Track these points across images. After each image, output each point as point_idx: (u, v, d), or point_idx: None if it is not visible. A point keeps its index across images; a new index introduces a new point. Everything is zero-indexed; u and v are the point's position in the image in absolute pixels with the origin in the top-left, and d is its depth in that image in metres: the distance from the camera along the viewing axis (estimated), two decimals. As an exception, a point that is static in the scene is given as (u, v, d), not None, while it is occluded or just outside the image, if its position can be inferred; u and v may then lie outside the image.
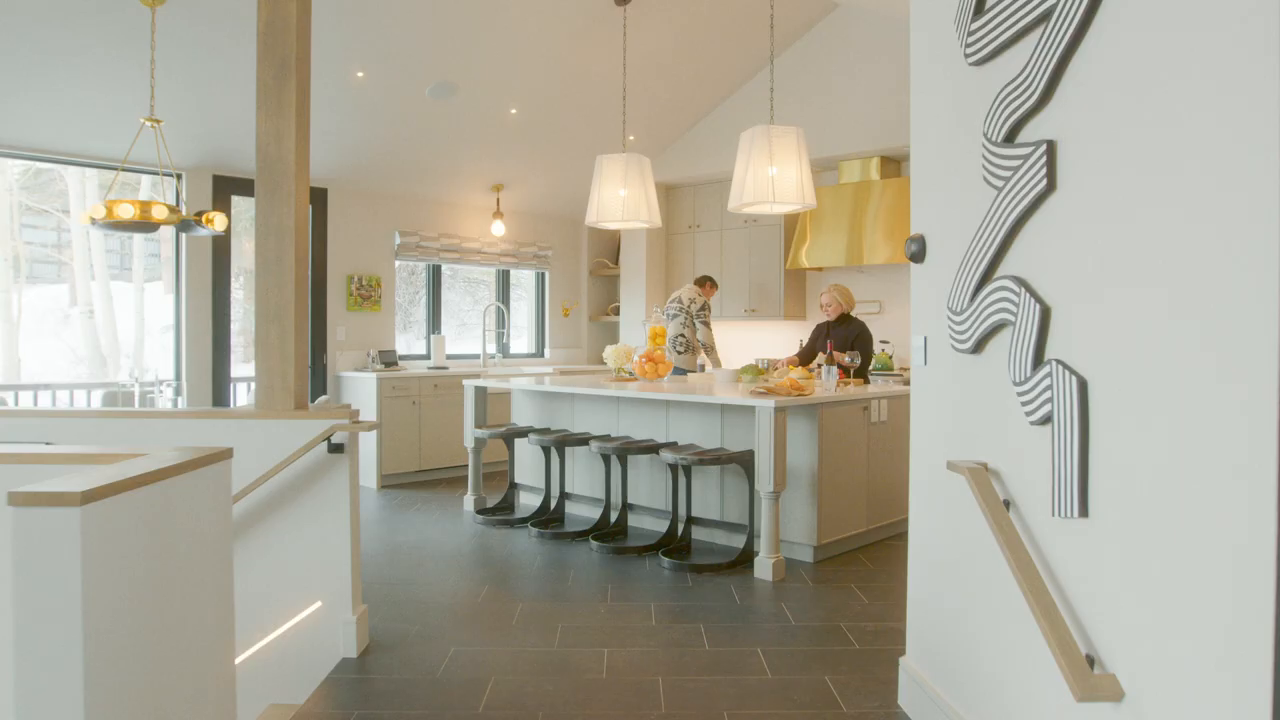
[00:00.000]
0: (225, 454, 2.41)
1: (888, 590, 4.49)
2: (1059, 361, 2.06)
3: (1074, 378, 1.99)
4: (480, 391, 6.46)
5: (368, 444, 7.41)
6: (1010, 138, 2.31)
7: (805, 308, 8.47)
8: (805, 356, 6.56)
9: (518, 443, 6.48)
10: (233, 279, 7.18)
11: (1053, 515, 2.08)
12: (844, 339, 6.33)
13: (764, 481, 4.66)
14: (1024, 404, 2.22)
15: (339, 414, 3.50)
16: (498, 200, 8.65)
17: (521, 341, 9.55)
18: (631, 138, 8.17)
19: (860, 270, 8.06)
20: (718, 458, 4.83)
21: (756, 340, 8.68)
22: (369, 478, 7.42)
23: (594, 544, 5.32)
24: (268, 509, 3.49)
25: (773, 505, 4.70)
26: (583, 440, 5.66)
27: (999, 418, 2.40)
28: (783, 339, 8.55)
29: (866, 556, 5.16)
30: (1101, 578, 1.92)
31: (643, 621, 4.04)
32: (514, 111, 7.36)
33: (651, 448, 5.32)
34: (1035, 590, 2.08)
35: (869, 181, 7.63)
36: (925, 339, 2.92)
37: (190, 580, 2.20)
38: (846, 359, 5.81)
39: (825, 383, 5.29)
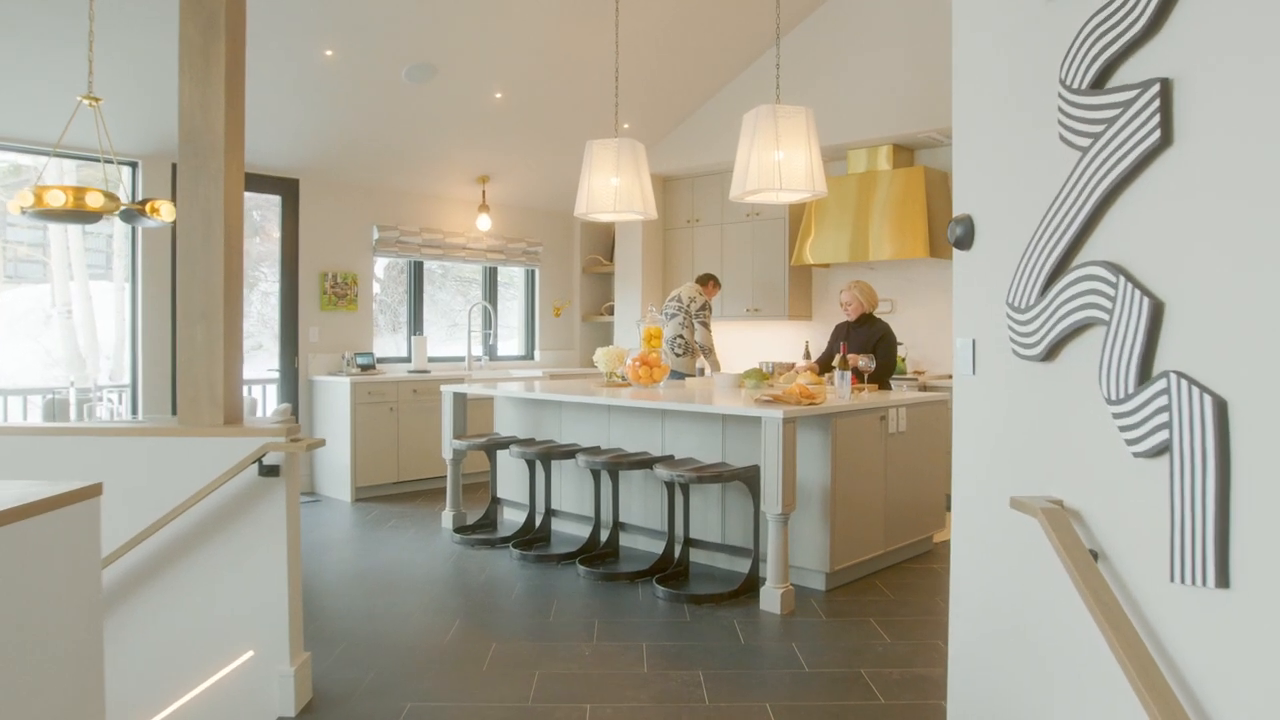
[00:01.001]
0: (91, 491, 1.89)
1: (912, 627, 3.96)
2: (1180, 375, 1.53)
3: (1207, 398, 1.46)
4: (459, 398, 5.93)
5: (341, 455, 6.88)
6: (1100, 82, 1.78)
7: (811, 307, 7.94)
8: (825, 361, 5.98)
9: (500, 454, 5.95)
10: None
11: (1172, 580, 1.55)
12: (865, 341, 5.78)
13: (771, 502, 4.14)
14: (1124, 429, 1.69)
15: (273, 430, 2.97)
16: (483, 193, 8.12)
17: (512, 343, 9.02)
18: (626, 126, 7.65)
19: (870, 267, 7.53)
20: (719, 475, 4.30)
21: (759, 342, 8.15)
22: (342, 490, 6.88)
23: (581, 569, 4.79)
24: (189, 544, 2.95)
25: (781, 529, 4.17)
26: (569, 453, 5.13)
27: (1083, 445, 1.88)
28: (787, 341, 8.02)
29: (885, 584, 4.63)
30: (1244, 667, 1.39)
31: (633, 668, 3.50)
32: (499, 96, 6.83)
33: (645, 462, 4.79)
34: (1141, 667, 1.55)
35: (879, 172, 7.10)
36: (973, 342, 2.39)
37: (40, 649, 1.67)
38: (861, 362, 5.29)
39: (838, 389, 4.76)
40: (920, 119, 6.70)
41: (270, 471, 2.97)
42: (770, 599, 4.18)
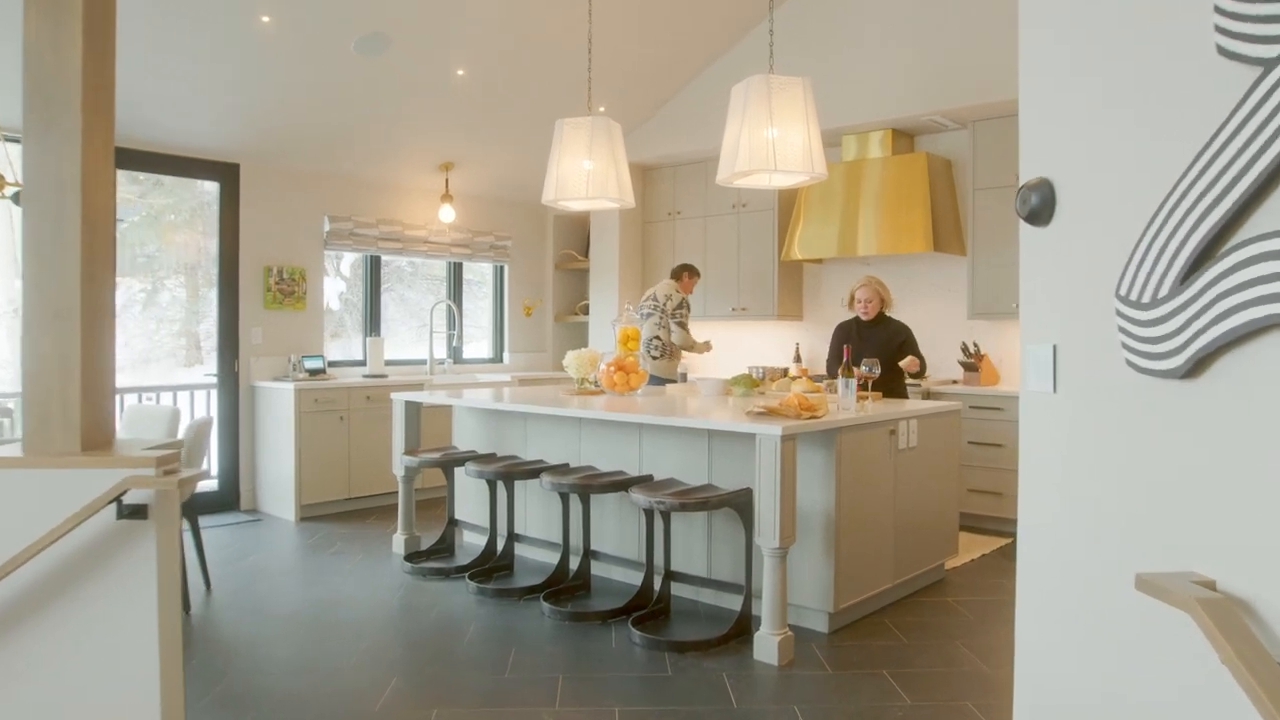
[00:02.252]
0: None
1: (934, 683, 3.36)
2: None
3: None
4: (412, 408, 5.28)
5: (285, 469, 6.20)
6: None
7: (802, 306, 7.34)
8: (839, 365, 5.28)
9: (459, 471, 5.30)
10: (115, 270, 5.94)
11: None
12: (884, 343, 5.16)
13: (766, 534, 3.52)
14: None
15: (138, 461, 2.31)
16: (446, 181, 7.46)
17: (480, 345, 8.36)
18: (601, 109, 7.00)
19: (865, 262, 6.94)
20: (705, 501, 3.68)
21: (746, 344, 7.54)
22: (286, 508, 6.21)
23: (546, 606, 4.15)
24: (24, 611, 2.29)
25: (778, 566, 3.55)
26: (534, 472, 4.49)
27: (1257, 502, 1.27)
28: (777, 342, 7.42)
29: (896, 623, 4.03)
30: None
31: (603, 743, 2.88)
32: (461, 73, 6.17)
33: (620, 484, 4.16)
34: None
35: (877, 159, 6.51)
36: (1053, 349, 1.78)
37: None
38: (864, 368, 4.69)
39: (841, 399, 4.14)
40: (922, 101, 6.11)
41: (134, 513, 2.32)
42: (766, 647, 3.56)
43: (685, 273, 6.49)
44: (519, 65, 6.28)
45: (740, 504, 3.77)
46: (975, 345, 6.24)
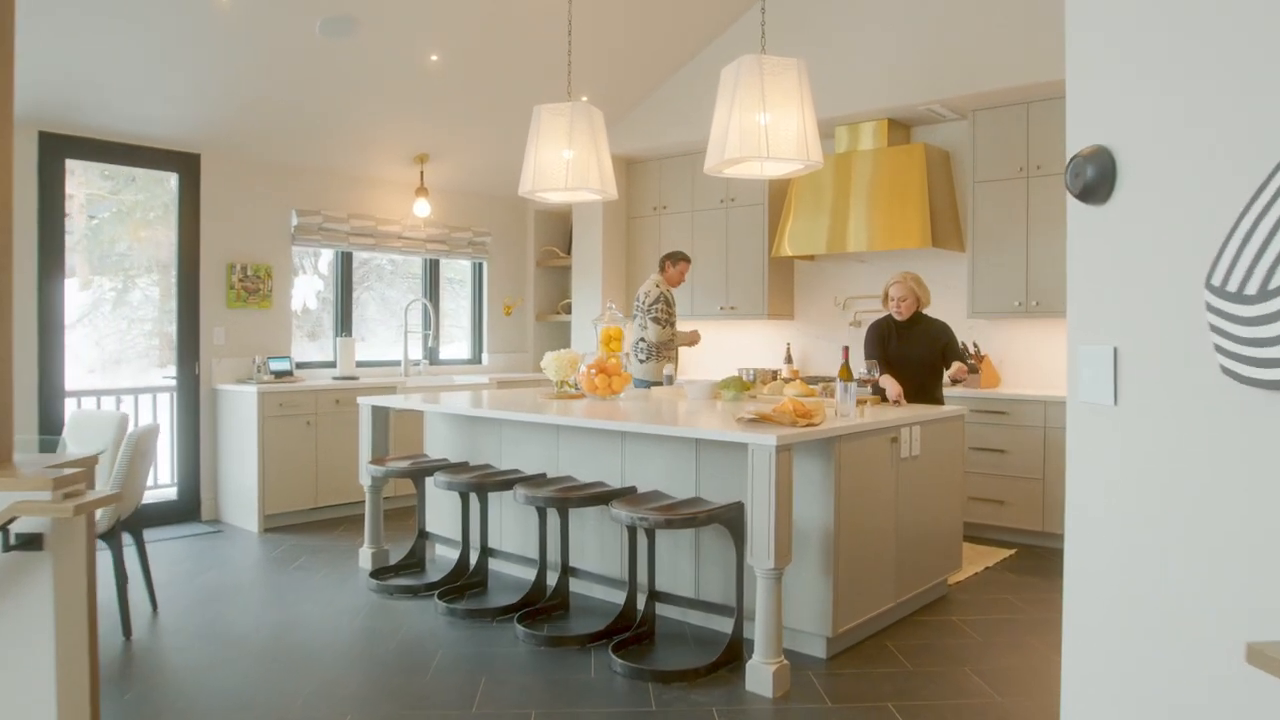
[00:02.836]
0: None
1: (942, 716, 3.05)
2: None
3: None
4: (379, 413, 4.94)
5: (247, 477, 5.85)
6: None
7: (793, 305, 7.04)
8: (882, 363, 4.80)
9: (429, 481, 4.97)
10: (67, 265, 5.58)
11: None
12: (925, 344, 4.81)
13: (760, 553, 3.21)
14: None
15: (30, 484, 1.98)
16: (421, 174, 7.12)
17: (459, 345, 8.02)
18: (584, 98, 6.68)
19: (861, 260, 6.65)
20: (692, 517, 3.36)
21: (735, 344, 7.24)
22: (248, 519, 5.86)
23: (520, 629, 3.83)
24: (-108, 657, 1.96)
25: (773, 588, 3.24)
26: (507, 483, 4.17)
27: None
28: (767, 343, 7.12)
29: (899, 646, 3.73)
30: None
31: (578, 795, 2.56)
32: (435, 59, 5.84)
33: (600, 497, 3.84)
34: None
35: (871, 150, 6.21)
36: (1114, 352, 1.48)
37: None
38: (863, 371, 4.38)
39: (841, 404, 3.83)
40: (920, 90, 5.82)
41: (27, 543, 1.98)
42: (759, 677, 3.25)
43: (667, 261, 6.06)
44: (496, 51, 5.95)
45: (731, 520, 3.46)
46: (975, 346, 5.95)
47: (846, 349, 3.95)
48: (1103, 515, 1.50)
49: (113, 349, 6.09)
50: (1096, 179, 1.48)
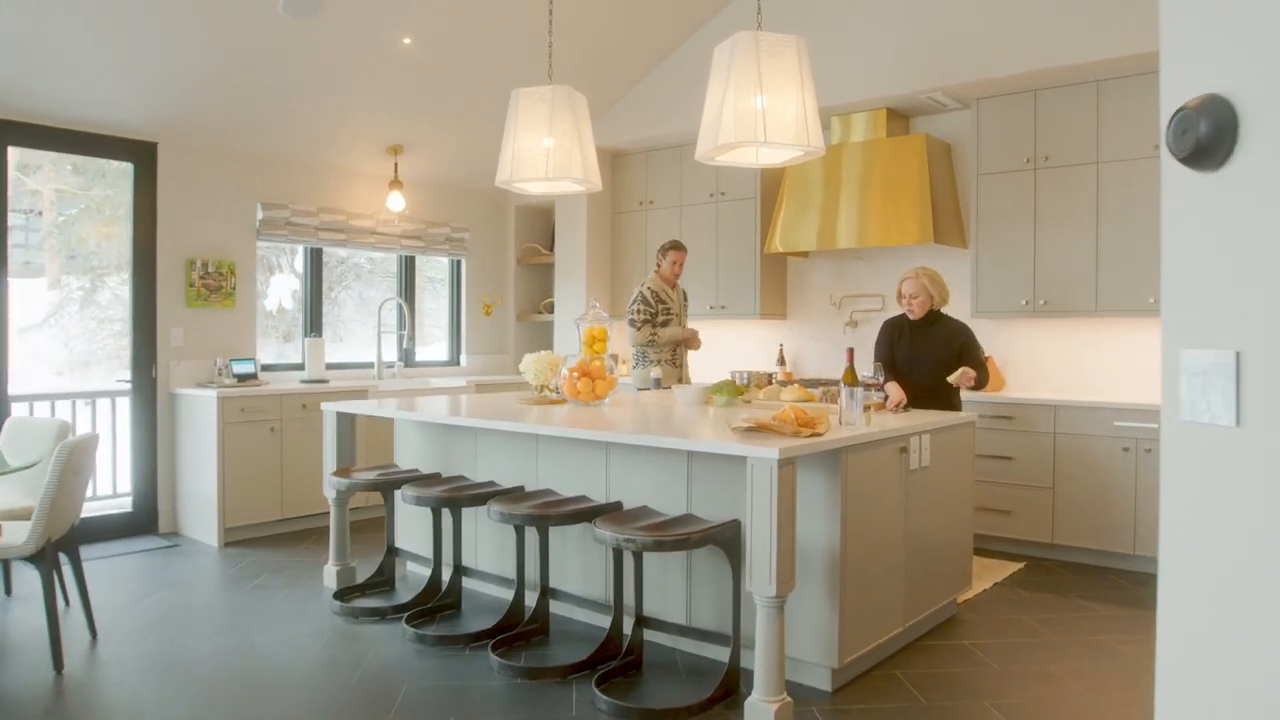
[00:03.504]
0: None
1: (966, 762, 2.74)
2: None
3: None
4: (345, 420, 4.59)
5: (207, 487, 5.48)
6: None
7: (786, 304, 6.72)
8: (889, 369, 4.52)
9: (398, 494, 4.62)
10: (18, 261, 5.19)
11: None
12: (941, 346, 4.48)
13: (760, 579, 2.88)
14: None
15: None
16: (395, 166, 6.76)
17: (438, 346, 7.66)
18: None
19: (858, 257, 6.34)
20: (684, 539, 3.03)
21: (726, 346, 6.91)
22: (208, 533, 5.48)
23: (495, 660, 3.48)
24: None
25: (775, 618, 2.91)
26: (482, 498, 3.82)
27: None
28: (759, 344, 6.80)
29: (909, 677, 3.41)
30: None
31: None
32: (407, 42, 5.48)
33: (582, 514, 3.50)
34: None
35: (869, 141, 5.90)
36: (1237, 358, 1.15)
37: None
38: (868, 374, 4.06)
39: (846, 412, 3.51)
40: (920, 78, 5.51)
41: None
42: (759, 717, 2.92)
43: (659, 254, 5.62)
44: (472, 36, 5.60)
45: (727, 540, 3.13)
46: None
47: (851, 351, 3.62)
48: (1223, 570, 1.18)
49: (81, 350, 5.72)
50: (1211, 137, 1.16)
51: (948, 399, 4.46)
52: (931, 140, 5.69)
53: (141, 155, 5.65)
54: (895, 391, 4.28)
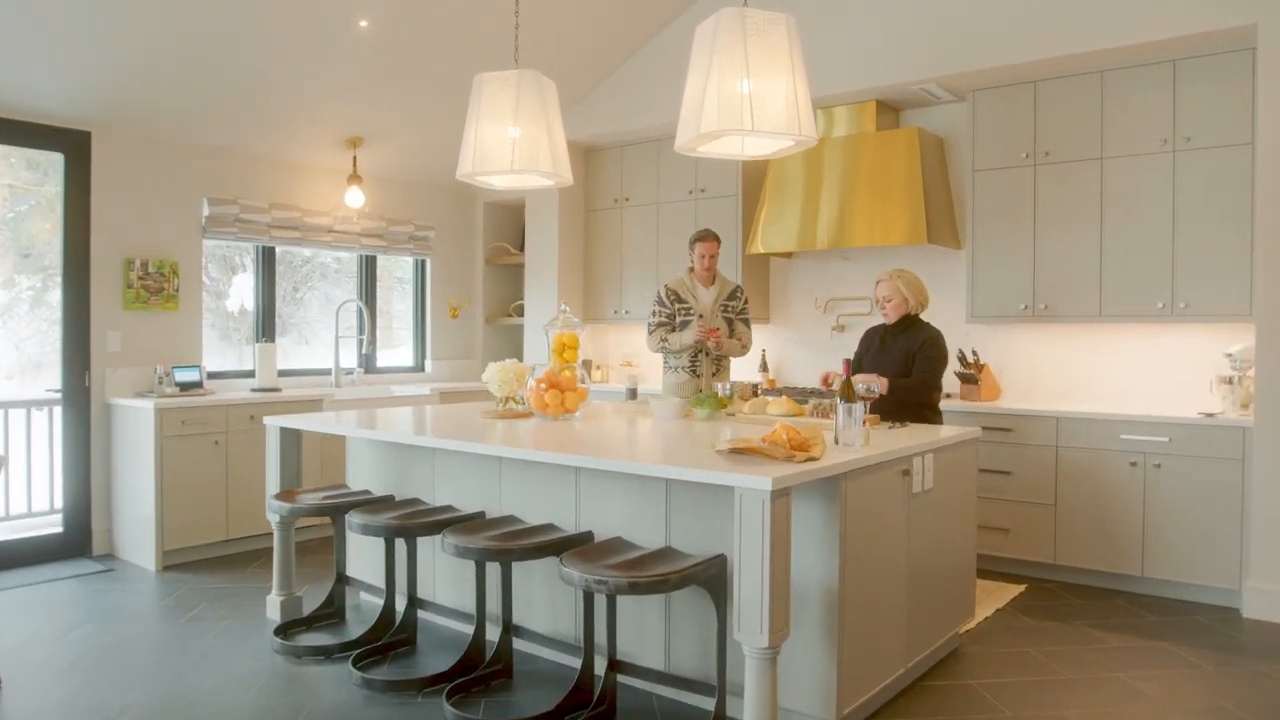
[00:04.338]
0: None
1: (987, 838, 2.39)
2: None
3: None
4: (288, 435, 4.17)
5: (144, 506, 5.05)
6: None
7: (769, 308, 6.37)
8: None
9: (348, 518, 4.21)
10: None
11: None
12: (901, 356, 4.20)
13: (750, 628, 2.51)
14: None
15: None
16: (354, 160, 6.33)
17: (404, 351, 7.25)
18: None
19: (845, 257, 6.00)
20: (663, 579, 2.66)
21: (704, 350, 6.54)
22: (145, 556, 5.05)
23: (450, 711, 3.09)
24: None
25: (766, 670, 2.54)
26: (436, 526, 3.43)
27: None
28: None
29: (913, 727, 3.06)
30: None
31: None
32: (364, 25, 5.07)
33: (548, 547, 3.12)
34: None
35: (857, 135, 5.56)
36: None
37: None
38: (862, 387, 3.72)
39: (843, 431, 3.14)
40: (911, 68, 5.18)
41: None
42: (749, 783, 2.56)
43: (690, 244, 4.96)
44: (436, 18, 5.20)
45: (711, 580, 2.76)
46: (974, 353, 5.33)
47: (848, 362, 3.27)
48: None
49: (33, 352, 5.27)
50: None
51: (916, 413, 4.12)
52: (924, 134, 5.36)
53: (72, 145, 5.20)
54: (875, 381, 4.01)
